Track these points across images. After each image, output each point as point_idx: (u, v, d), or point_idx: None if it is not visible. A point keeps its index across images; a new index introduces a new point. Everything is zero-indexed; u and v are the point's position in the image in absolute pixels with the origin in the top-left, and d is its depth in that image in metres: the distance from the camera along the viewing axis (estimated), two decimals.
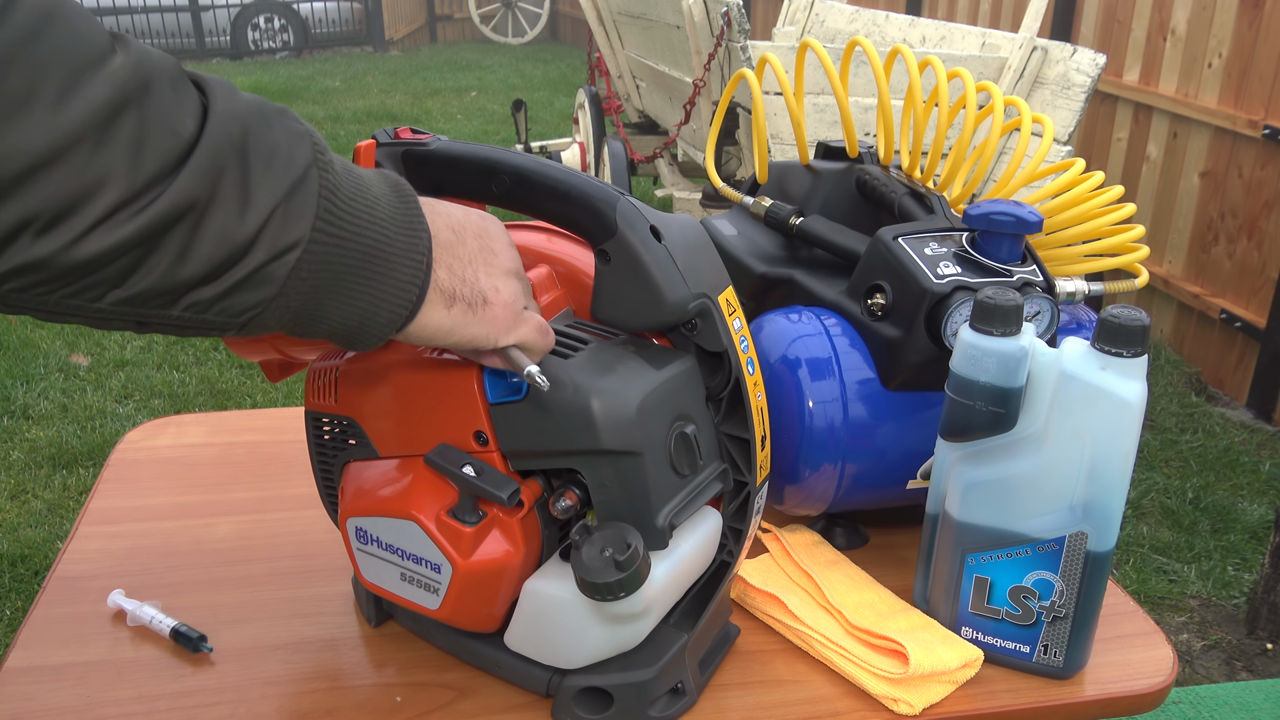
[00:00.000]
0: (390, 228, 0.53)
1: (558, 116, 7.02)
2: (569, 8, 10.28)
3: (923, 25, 3.42)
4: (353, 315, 0.53)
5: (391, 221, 0.53)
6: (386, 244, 0.52)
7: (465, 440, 0.67)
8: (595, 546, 0.62)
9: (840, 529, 0.94)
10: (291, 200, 0.47)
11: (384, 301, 0.53)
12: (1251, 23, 3.06)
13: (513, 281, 0.61)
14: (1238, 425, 3.01)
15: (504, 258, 0.61)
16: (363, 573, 0.72)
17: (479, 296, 0.58)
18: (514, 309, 0.60)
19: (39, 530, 2.39)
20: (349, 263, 0.51)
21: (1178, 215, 3.40)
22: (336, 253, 0.50)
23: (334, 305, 0.52)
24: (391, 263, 0.53)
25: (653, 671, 0.70)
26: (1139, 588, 2.28)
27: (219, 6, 9.50)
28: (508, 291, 0.60)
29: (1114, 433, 0.70)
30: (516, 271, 0.62)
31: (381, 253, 0.52)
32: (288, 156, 0.48)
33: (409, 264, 0.54)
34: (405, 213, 0.54)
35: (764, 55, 1.06)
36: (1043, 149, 0.95)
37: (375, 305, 0.53)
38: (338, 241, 0.50)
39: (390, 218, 0.53)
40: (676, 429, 0.66)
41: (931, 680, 0.75)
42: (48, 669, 0.76)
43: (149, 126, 0.43)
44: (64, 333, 3.47)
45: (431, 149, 0.70)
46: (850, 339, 0.86)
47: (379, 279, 0.52)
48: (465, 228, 0.59)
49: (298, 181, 0.48)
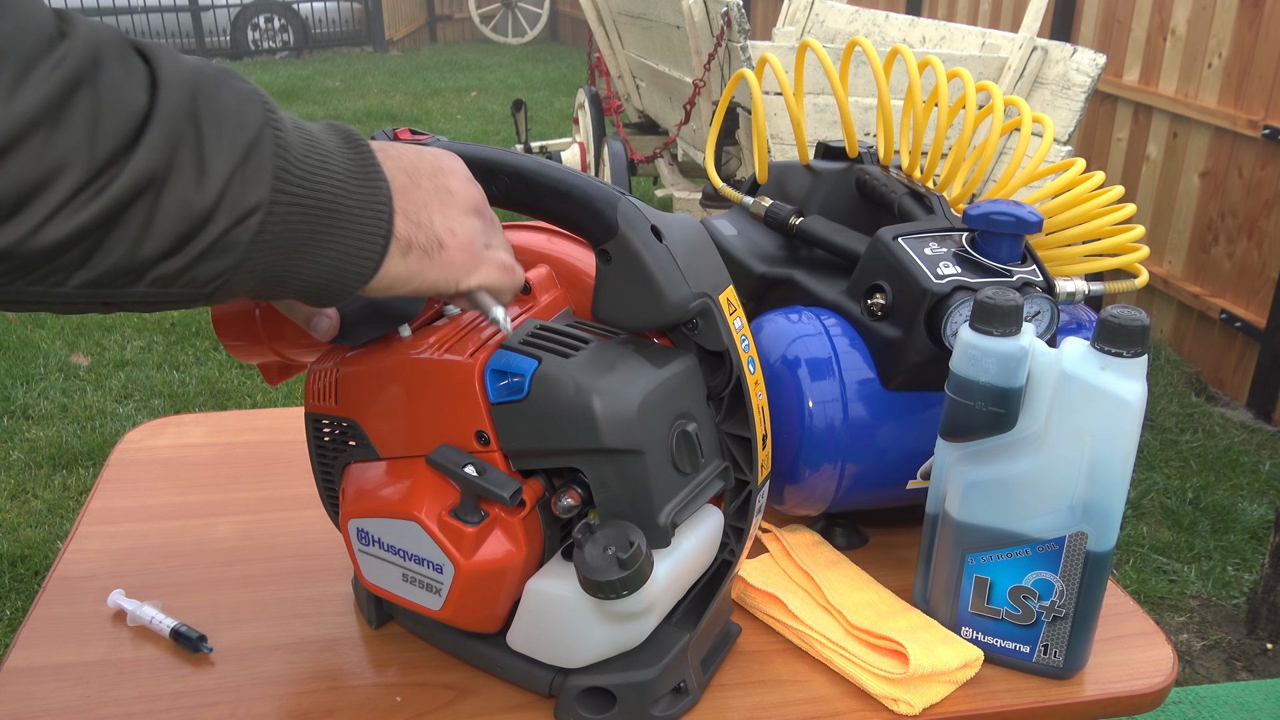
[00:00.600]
0: (348, 182, 0.52)
1: (558, 116, 7.02)
2: (569, 8, 10.28)
3: (923, 25, 3.42)
4: (320, 273, 0.52)
5: (349, 175, 0.52)
6: (345, 198, 0.51)
7: (466, 440, 0.67)
8: (598, 545, 0.63)
9: (840, 529, 0.94)
10: (248, 163, 0.46)
11: (351, 257, 0.52)
12: (1251, 23, 3.06)
13: (470, 220, 0.60)
14: (1238, 425, 3.01)
15: (461, 195, 0.60)
16: (364, 574, 0.72)
17: (434, 241, 0.57)
18: (472, 249, 0.59)
19: (39, 530, 2.39)
20: (310, 221, 0.50)
21: (1178, 215, 3.40)
22: (298, 212, 0.49)
23: (300, 265, 0.51)
24: (353, 217, 0.52)
25: (655, 671, 0.70)
26: (1139, 588, 2.28)
27: (219, 6, 9.50)
28: (464, 232, 0.59)
29: (1114, 433, 0.70)
30: (475, 208, 0.61)
31: (341, 207, 0.51)
32: (239, 119, 0.46)
33: (371, 216, 0.53)
34: (361, 164, 0.53)
35: (764, 55, 1.06)
36: (1043, 149, 0.95)
37: (342, 261, 0.52)
38: (297, 201, 0.49)
39: (347, 171, 0.52)
40: (678, 427, 0.66)
41: (931, 680, 0.75)
42: (48, 669, 0.76)
43: (103, 104, 0.42)
44: (64, 333, 3.47)
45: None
46: (850, 339, 0.86)
47: (342, 234, 0.51)
48: (419, 169, 0.58)
49: (252, 143, 0.47)
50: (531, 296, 0.72)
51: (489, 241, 0.61)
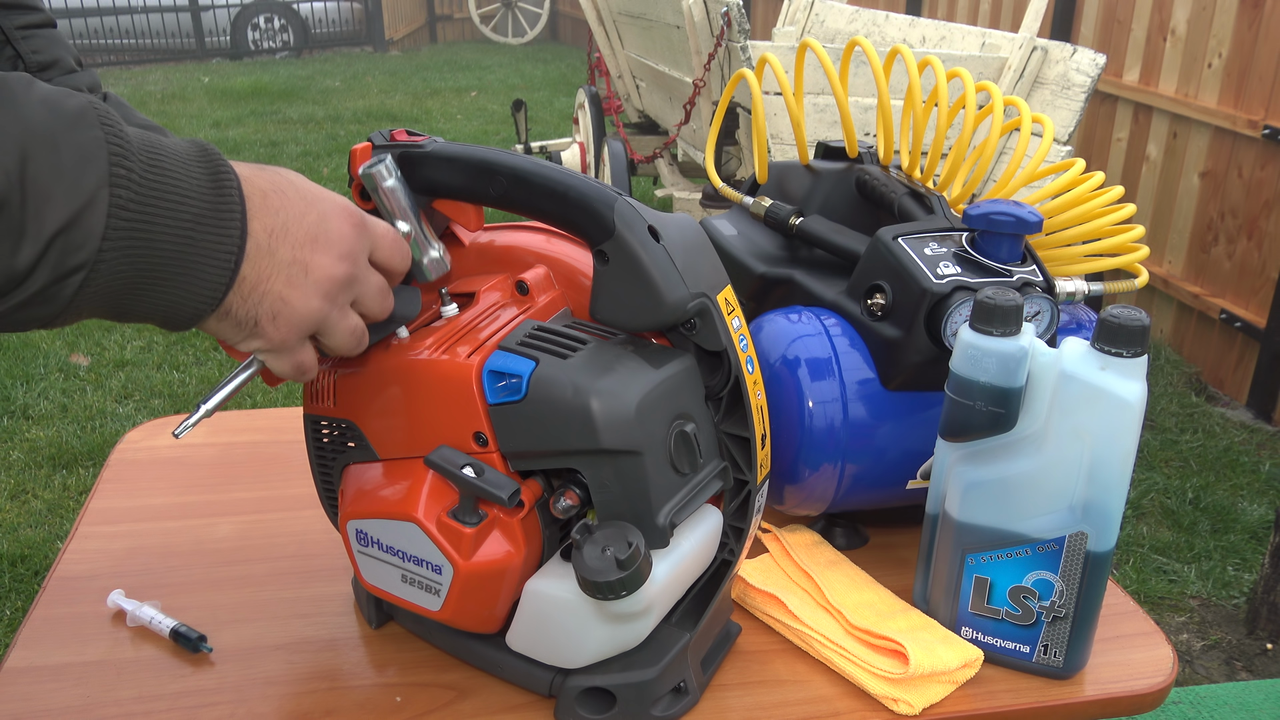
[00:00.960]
0: (196, 229, 0.51)
1: (558, 116, 7.02)
2: (569, 8, 10.28)
3: (923, 25, 3.42)
4: (156, 309, 0.52)
5: (198, 222, 0.51)
6: (190, 248, 0.51)
7: (465, 441, 0.67)
8: (596, 546, 0.62)
9: (840, 529, 0.94)
10: (74, 228, 0.47)
11: (187, 298, 0.53)
12: (1251, 23, 3.06)
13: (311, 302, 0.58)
14: (1238, 425, 3.01)
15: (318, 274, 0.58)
16: (364, 575, 0.72)
17: (250, 319, 0.56)
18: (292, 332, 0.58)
19: (39, 530, 2.39)
20: (146, 270, 0.50)
21: (1178, 215, 3.40)
22: (129, 265, 0.49)
23: (134, 303, 0.51)
24: (195, 266, 0.52)
25: (655, 671, 0.70)
26: (1139, 588, 2.28)
27: (219, 6, 9.50)
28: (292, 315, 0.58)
29: (1114, 433, 0.70)
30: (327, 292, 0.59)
31: (183, 256, 0.51)
32: (73, 183, 0.46)
33: (214, 264, 0.53)
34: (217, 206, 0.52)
35: (764, 55, 1.06)
36: (1043, 149, 0.95)
37: (177, 300, 0.52)
38: (131, 254, 0.49)
39: (198, 217, 0.51)
40: (676, 428, 0.66)
41: (931, 680, 0.75)
42: (48, 669, 0.76)
43: None
44: (64, 333, 3.47)
45: (427, 151, 0.70)
46: (850, 339, 0.86)
47: (182, 280, 0.52)
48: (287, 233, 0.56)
49: (83, 207, 0.47)
50: (529, 297, 0.72)
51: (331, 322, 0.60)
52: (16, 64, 0.81)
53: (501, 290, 0.73)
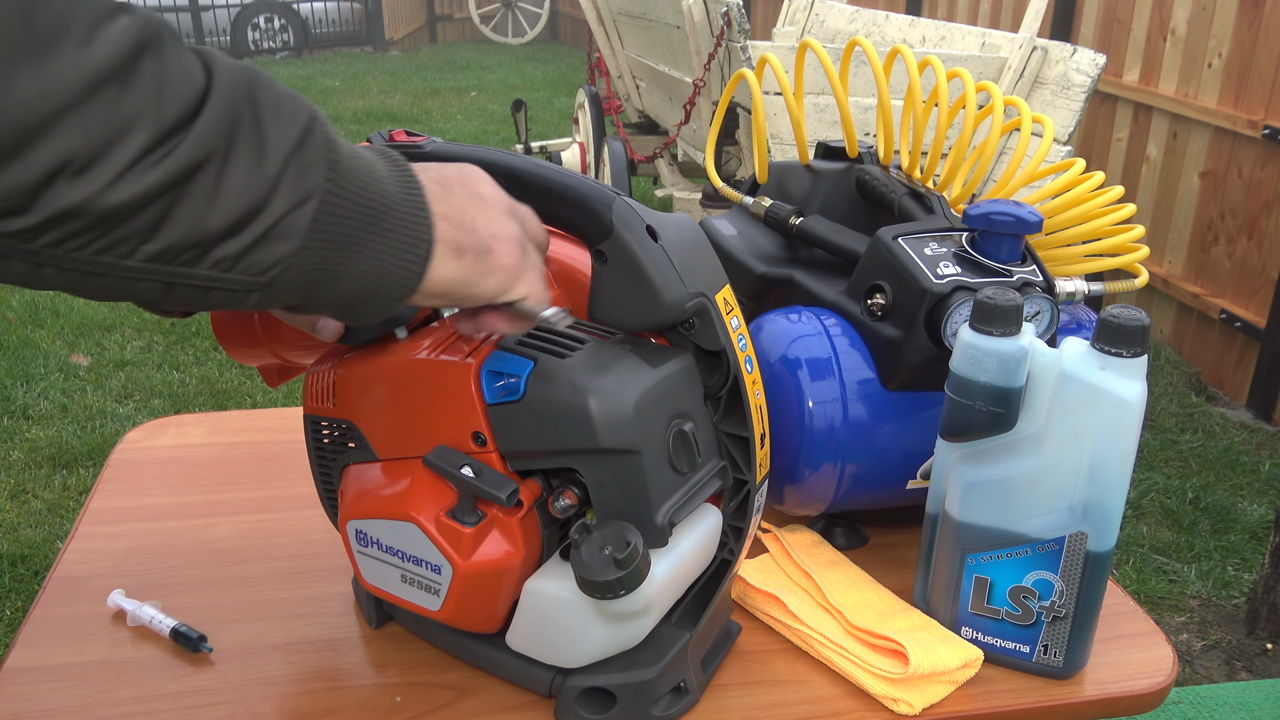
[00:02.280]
0: (390, 185, 0.53)
1: (558, 116, 7.02)
2: (569, 8, 10.28)
3: (923, 25, 3.42)
4: (368, 276, 0.52)
5: (390, 179, 0.53)
6: (390, 200, 0.52)
7: (463, 441, 0.67)
8: (595, 545, 0.62)
9: (840, 529, 0.94)
10: (303, 150, 0.48)
11: (398, 259, 0.53)
12: (1251, 23, 3.06)
13: (510, 222, 0.60)
14: (1238, 425, 3.01)
15: (493, 200, 0.60)
16: (363, 575, 0.72)
17: (483, 246, 0.57)
18: (518, 254, 0.59)
19: (39, 530, 2.39)
20: (360, 218, 0.51)
21: (1178, 215, 3.40)
22: (348, 207, 0.50)
23: (351, 264, 0.51)
24: (398, 218, 0.53)
25: (655, 671, 0.70)
26: (1139, 588, 2.28)
27: (219, 6, 9.50)
28: (507, 236, 0.59)
29: (1114, 433, 0.70)
30: (509, 209, 0.61)
31: (387, 209, 0.52)
32: (292, 108, 0.48)
33: (414, 220, 0.54)
34: (397, 170, 0.54)
35: (764, 55, 1.06)
36: (1043, 149, 0.95)
37: (390, 264, 0.53)
38: (348, 195, 0.50)
39: (388, 175, 0.53)
40: (674, 427, 0.66)
41: (931, 680, 0.75)
42: (48, 669, 0.76)
43: (168, 71, 0.44)
44: (64, 332, 3.47)
45: (426, 151, 0.70)
46: (850, 339, 0.86)
47: (389, 235, 0.52)
48: (448, 179, 0.58)
49: (305, 131, 0.48)
50: None
51: (525, 245, 0.61)
52: None
53: None
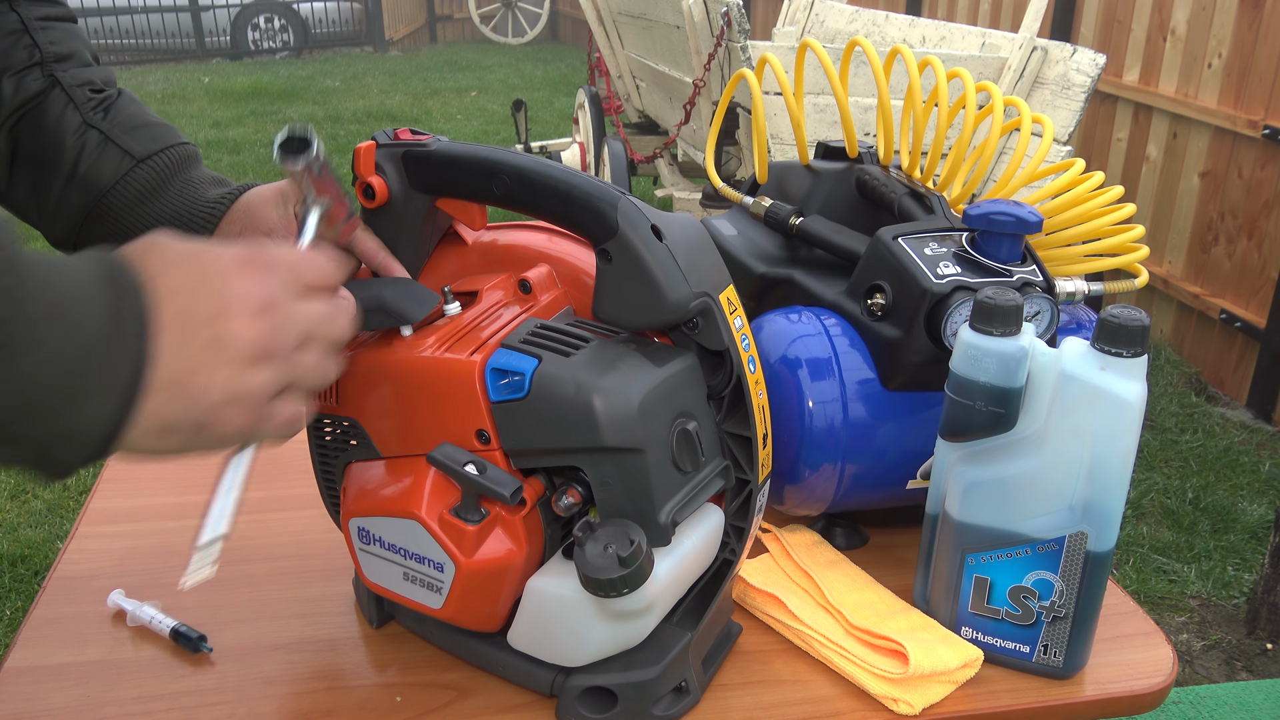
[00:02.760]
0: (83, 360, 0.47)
1: (558, 116, 7.02)
2: (569, 8, 10.28)
3: (923, 25, 3.43)
4: (27, 453, 0.48)
5: (89, 353, 0.47)
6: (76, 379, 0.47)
7: (467, 439, 0.67)
8: (598, 543, 0.63)
9: (840, 529, 0.94)
10: None
11: (67, 439, 0.48)
12: (1251, 23, 3.06)
13: (252, 375, 0.53)
14: (1238, 425, 3.01)
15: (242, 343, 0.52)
16: (365, 573, 0.72)
17: (202, 420, 0.52)
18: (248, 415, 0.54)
19: (39, 530, 2.39)
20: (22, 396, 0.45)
21: (1178, 215, 3.40)
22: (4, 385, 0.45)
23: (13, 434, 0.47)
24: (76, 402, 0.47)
25: (656, 670, 0.71)
26: (1139, 588, 2.28)
27: (219, 6, 9.50)
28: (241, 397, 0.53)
29: (1114, 433, 0.70)
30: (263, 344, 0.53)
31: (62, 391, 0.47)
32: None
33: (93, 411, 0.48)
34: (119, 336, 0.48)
35: (764, 55, 1.06)
36: (1043, 149, 0.95)
37: (54, 441, 0.48)
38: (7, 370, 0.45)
39: (89, 348, 0.47)
40: (678, 426, 0.66)
41: (931, 680, 0.75)
42: (48, 669, 0.76)
43: None
44: None
45: (431, 150, 0.70)
46: (850, 339, 0.86)
47: (60, 417, 0.47)
48: (196, 317, 0.51)
49: None
50: (532, 296, 0.72)
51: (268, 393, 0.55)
52: (34, 53, 0.82)
53: (504, 289, 0.73)
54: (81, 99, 0.83)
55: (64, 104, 0.82)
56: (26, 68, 0.82)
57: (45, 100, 0.82)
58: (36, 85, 0.81)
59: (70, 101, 0.82)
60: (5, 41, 0.81)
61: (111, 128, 0.83)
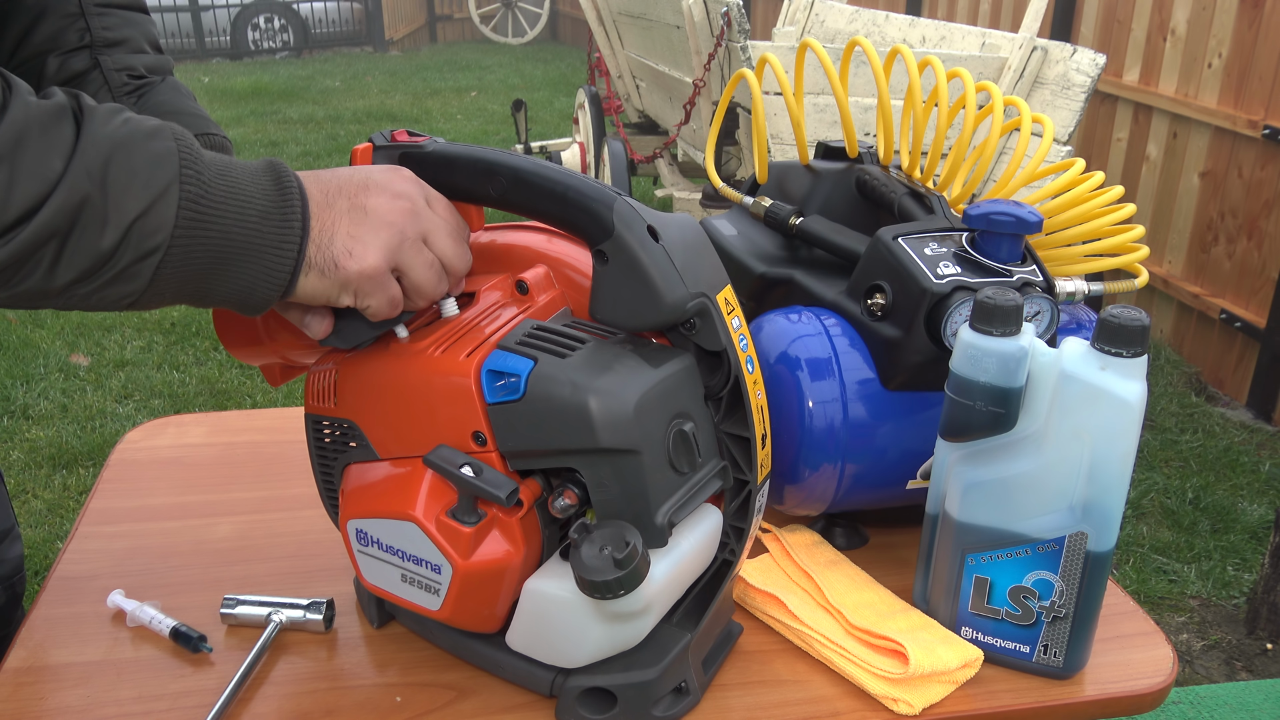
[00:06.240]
0: (263, 223, 0.59)
1: (558, 116, 7.02)
2: (569, 8, 10.28)
3: (923, 25, 3.43)
4: (233, 292, 0.60)
5: (264, 217, 0.59)
6: (257, 237, 0.59)
7: (464, 441, 0.67)
8: (594, 545, 0.62)
9: (840, 529, 0.94)
10: (149, 215, 0.55)
11: (259, 281, 0.60)
12: (1251, 23, 3.06)
13: (380, 235, 0.63)
14: (1238, 425, 3.01)
15: (377, 214, 0.64)
16: (364, 574, 0.72)
17: (330, 262, 0.62)
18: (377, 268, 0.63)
19: (39, 530, 2.39)
20: (218, 255, 0.58)
21: (1178, 215, 3.40)
22: (202, 249, 0.58)
23: (212, 285, 0.59)
24: (262, 253, 0.60)
25: (656, 671, 0.70)
26: (1139, 588, 2.28)
27: (219, 6, 9.50)
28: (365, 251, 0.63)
29: (1114, 433, 0.70)
30: (391, 223, 0.64)
31: (251, 245, 0.59)
32: (147, 177, 0.55)
33: (280, 252, 0.60)
34: (280, 194, 0.60)
35: (764, 55, 1.06)
36: (1043, 149, 0.95)
37: (251, 284, 0.60)
38: (200, 241, 0.57)
39: (263, 213, 0.59)
40: (675, 427, 0.66)
41: (931, 680, 0.75)
42: (48, 669, 0.76)
43: (18, 176, 0.52)
44: (64, 332, 3.47)
45: (428, 151, 0.70)
46: (850, 339, 0.86)
47: (252, 265, 0.60)
48: (338, 189, 0.63)
49: (156, 198, 0.55)
50: (529, 296, 0.72)
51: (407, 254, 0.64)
52: (84, 36, 0.86)
53: (501, 290, 0.73)
54: (117, 83, 0.85)
55: (99, 86, 0.85)
56: (75, 49, 0.84)
57: (83, 82, 0.85)
58: (79, 66, 0.84)
59: (106, 85, 0.84)
60: (61, 23, 0.85)
61: (139, 113, 0.85)
